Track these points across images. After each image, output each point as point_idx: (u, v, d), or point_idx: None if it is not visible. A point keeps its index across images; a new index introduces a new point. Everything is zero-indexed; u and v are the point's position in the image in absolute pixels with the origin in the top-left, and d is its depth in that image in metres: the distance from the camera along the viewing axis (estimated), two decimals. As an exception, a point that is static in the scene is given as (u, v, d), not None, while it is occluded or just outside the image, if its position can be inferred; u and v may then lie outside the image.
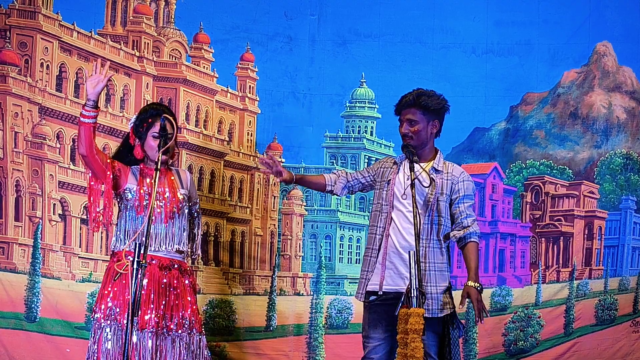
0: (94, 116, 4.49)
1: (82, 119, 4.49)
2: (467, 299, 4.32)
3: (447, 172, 4.50)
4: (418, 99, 4.45)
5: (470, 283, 4.32)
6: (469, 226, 4.45)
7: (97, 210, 4.61)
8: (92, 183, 4.61)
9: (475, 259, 4.41)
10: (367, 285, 4.48)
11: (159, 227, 4.61)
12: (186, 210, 4.75)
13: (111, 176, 4.58)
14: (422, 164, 4.46)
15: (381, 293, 4.40)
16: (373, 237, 4.52)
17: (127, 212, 4.66)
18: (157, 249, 4.60)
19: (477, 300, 4.28)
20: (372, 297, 4.46)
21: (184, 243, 4.70)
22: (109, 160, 4.61)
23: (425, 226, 4.40)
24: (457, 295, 4.44)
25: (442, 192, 4.45)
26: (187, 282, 4.69)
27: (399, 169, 4.53)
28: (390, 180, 4.52)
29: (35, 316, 5.95)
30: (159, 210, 4.62)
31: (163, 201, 4.64)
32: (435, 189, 4.43)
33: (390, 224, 4.46)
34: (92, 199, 4.61)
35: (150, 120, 4.64)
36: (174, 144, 4.70)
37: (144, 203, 4.61)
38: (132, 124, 4.73)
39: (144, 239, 4.24)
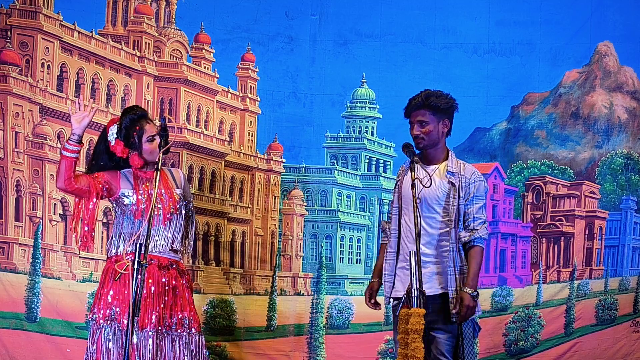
0: (77, 151, 4.45)
1: (64, 152, 4.44)
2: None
3: (461, 175, 4.48)
4: (427, 99, 4.45)
5: (467, 289, 4.32)
6: (476, 229, 4.44)
7: (85, 229, 4.60)
8: (79, 205, 4.58)
9: (476, 264, 4.39)
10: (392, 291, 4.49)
11: (157, 228, 4.61)
12: (183, 210, 4.75)
13: (95, 199, 4.55)
14: (434, 165, 4.50)
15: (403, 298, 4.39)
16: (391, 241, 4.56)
17: (124, 217, 4.65)
18: (153, 250, 4.58)
19: (466, 307, 4.28)
20: (395, 303, 4.47)
21: (178, 242, 4.71)
22: (90, 178, 4.56)
23: (451, 231, 4.40)
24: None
25: (458, 196, 4.44)
26: (184, 281, 4.70)
27: (407, 173, 4.53)
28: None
29: (36, 316, 5.95)
30: (156, 212, 4.61)
31: (160, 203, 4.63)
32: (456, 193, 4.42)
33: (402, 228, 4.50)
34: (79, 219, 4.59)
35: (138, 127, 4.59)
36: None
37: (142, 207, 4.60)
38: (115, 137, 4.60)
39: (142, 240, 4.23)
